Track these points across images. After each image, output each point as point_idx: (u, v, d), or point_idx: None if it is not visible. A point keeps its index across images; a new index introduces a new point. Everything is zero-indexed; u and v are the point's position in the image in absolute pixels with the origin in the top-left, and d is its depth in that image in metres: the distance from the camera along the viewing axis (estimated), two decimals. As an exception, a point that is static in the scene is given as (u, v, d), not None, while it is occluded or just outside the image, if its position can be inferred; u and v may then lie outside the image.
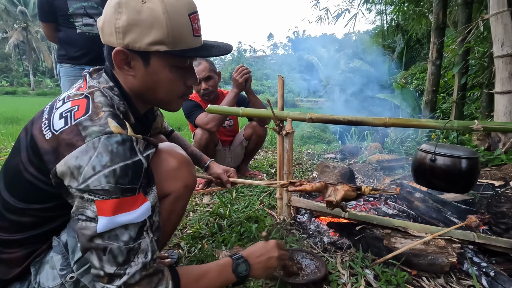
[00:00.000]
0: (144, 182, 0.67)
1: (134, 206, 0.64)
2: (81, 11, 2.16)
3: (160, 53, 0.71)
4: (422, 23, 5.98)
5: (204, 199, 1.99)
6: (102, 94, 0.71)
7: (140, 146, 0.67)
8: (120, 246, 0.62)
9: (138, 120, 0.81)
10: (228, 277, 0.79)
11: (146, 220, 0.66)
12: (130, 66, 0.74)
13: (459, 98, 3.74)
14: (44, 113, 0.71)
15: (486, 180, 1.82)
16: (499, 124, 1.39)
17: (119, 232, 0.63)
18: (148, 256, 0.65)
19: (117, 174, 0.61)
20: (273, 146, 4.06)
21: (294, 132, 1.47)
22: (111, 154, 0.61)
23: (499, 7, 2.15)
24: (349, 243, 1.34)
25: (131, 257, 0.63)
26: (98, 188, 0.61)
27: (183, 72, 0.78)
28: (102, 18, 0.72)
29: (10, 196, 0.70)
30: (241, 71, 2.02)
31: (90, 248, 0.63)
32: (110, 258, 0.62)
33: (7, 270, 0.71)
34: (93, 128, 0.62)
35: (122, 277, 0.63)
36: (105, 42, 0.74)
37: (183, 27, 0.71)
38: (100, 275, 0.63)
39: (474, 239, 1.22)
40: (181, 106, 0.87)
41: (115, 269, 0.62)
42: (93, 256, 0.63)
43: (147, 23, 0.68)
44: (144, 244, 0.65)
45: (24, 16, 31.42)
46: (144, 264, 0.64)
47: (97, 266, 0.63)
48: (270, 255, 0.87)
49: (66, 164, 0.61)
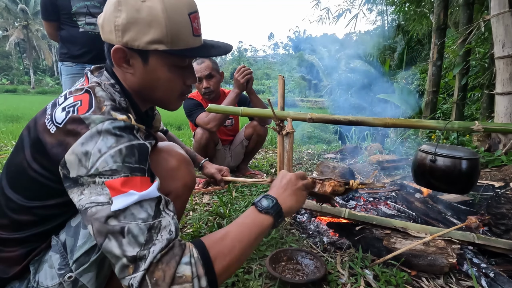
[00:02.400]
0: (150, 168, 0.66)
1: (144, 186, 0.61)
2: (84, 10, 2.16)
3: (159, 52, 0.70)
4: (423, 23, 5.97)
5: (204, 199, 1.99)
6: (102, 89, 0.71)
7: (141, 134, 0.68)
8: (139, 223, 0.57)
9: (139, 117, 0.81)
10: (257, 219, 0.70)
11: (161, 196, 0.63)
12: (129, 64, 0.73)
13: (460, 99, 3.74)
14: (47, 110, 0.71)
15: (486, 181, 1.82)
16: (499, 125, 1.39)
17: (134, 211, 0.58)
18: (173, 233, 0.60)
19: (123, 153, 0.61)
20: (273, 146, 4.06)
21: (294, 131, 1.47)
22: (116, 136, 0.61)
23: (501, 8, 2.15)
24: (348, 243, 1.35)
25: (153, 235, 0.58)
26: (106, 169, 0.59)
27: (182, 71, 0.78)
28: (102, 16, 0.72)
29: (14, 193, 0.70)
30: (243, 71, 2.02)
31: (107, 233, 0.57)
32: (130, 238, 0.56)
33: (6, 269, 0.71)
34: (96, 116, 0.63)
35: (146, 258, 0.56)
36: (105, 40, 0.74)
37: (183, 27, 0.70)
38: (124, 265, 0.56)
39: (474, 240, 1.22)
40: (180, 105, 0.86)
41: (138, 250, 0.56)
42: (111, 243, 0.57)
43: (146, 21, 0.67)
44: (165, 221, 0.60)
45: (24, 14, 31.41)
46: (169, 240, 0.58)
47: (118, 253, 0.56)
48: (294, 184, 0.81)
49: (74, 152, 0.60)
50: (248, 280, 1.10)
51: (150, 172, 0.66)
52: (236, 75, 2.03)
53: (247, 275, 1.13)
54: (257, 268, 1.17)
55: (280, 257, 1.19)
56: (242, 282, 1.09)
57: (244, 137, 2.41)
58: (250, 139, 2.40)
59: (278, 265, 1.16)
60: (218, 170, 1.28)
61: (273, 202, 0.74)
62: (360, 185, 1.01)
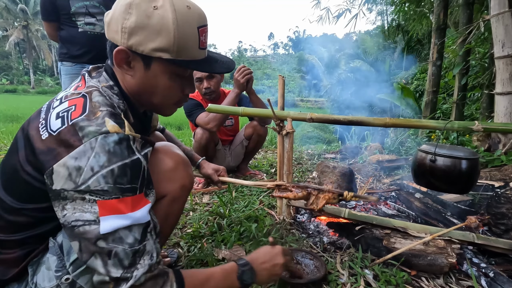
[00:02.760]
0: (144, 182, 0.67)
1: (136, 207, 0.63)
2: (83, 10, 2.16)
3: (162, 59, 0.71)
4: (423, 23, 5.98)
5: (204, 199, 1.99)
6: (100, 93, 0.70)
7: (137, 144, 0.67)
8: (126, 248, 0.61)
9: (137, 119, 0.80)
10: (232, 283, 0.78)
11: (149, 221, 0.66)
12: (130, 66, 0.73)
13: (460, 99, 3.74)
14: (41, 112, 0.71)
15: (486, 181, 1.82)
16: (499, 125, 1.39)
17: (123, 234, 0.61)
18: (154, 258, 0.65)
19: (115, 173, 0.61)
20: (273, 146, 4.06)
21: (294, 131, 1.47)
22: (108, 154, 0.61)
23: (500, 8, 2.15)
24: (348, 243, 1.35)
25: (137, 259, 0.62)
26: (98, 188, 0.60)
27: (182, 80, 0.78)
28: (111, 14, 0.71)
29: (7, 195, 0.70)
30: (243, 72, 2.02)
31: (94, 252, 0.61)
32: (116, 261, 0.61)
33: (5, 271, 0.70)
34: (89, 128, 0.62)
35: (128, 280, 0.61)
36: (108, 38, 0.73)
37: (190, 39, 0.71)
38: (105, 281, 0.62)
39: (474, 239, 1.22)
40: (174, 112, 0.86)
41: (122, 272, 0.61)
42: (97, 261, 0.61)
43: (155, 29, 0.68)
44: (149, 246, 0.65)
45: (24, 14, 31.40)
46: (150, 265, 0.64)
47: (102, 271, 0.61)
48: (275, 262, 0.85)
49: (65, 165, 0.60)
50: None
51: (145, 186, 0.67)
52: (236, 75, 2.03)
53: (247, 275, 1.13)
54: (257, 268, 1.17)
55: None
56: (242, 282, 1.09)
57: (244, 137, 2.41)
58: (250, 139, 2.40)
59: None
60: (215, 170, 1.28)
61: (252, 280, 0.80)
62: (353, 198, 1.03)
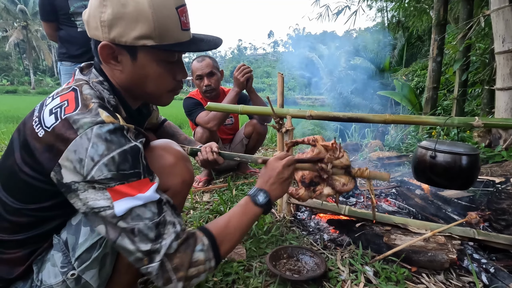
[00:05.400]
0: (145, 167, 0.67)
1: (143, 189, 0.64)
2: (82, 10, 2.16)
3: (147, 47, 0.69)
4: (423, 19, 5.95)
5: (204, 197, 1.99)
6: (90, 87, 0.70)
7: (131, 134, 0.67)
8: (147, 223, 0.63)
9: (130, 114, 0.80)
10: (253, 211, 0.81)
11: (161, 198, 0.67)
12: (117, 61, 0.72)
13: (460, 95, 3.72)
14: (35, 111, 0.71)
15: (487, 176, 1.82)
16: (500, 120, 1.38)
17: (140, 212, 0.63)
18: (177, 226, 0.67)
19: (117, 160, 0.61)
20: (273, 144, 4.06)
21: (294, 129, 1.47)
22: (106, 143, 0.61)
23: (500, 3, 2.14)
24: (349, 240, 1.35)
25: (161, 230, 0.64)
26: (102, 177, 0.60)
27: (171, 66, 0.76)
28: (88, 11, 0.70)
29: (8, 196, 0.70)
30: (243, 70, 2.01)
31: (120, 233, 0.63)
32: (142, 237, 0.62)
33: (10, 270, 0.71)
34: (84, 120, 0.62)
35: (160, 250, 0.63)
36: (91, 36, 0.72)
37: (170, 21, 0.69)
38: (139, 258, 0.63)
39: (474, 235, 1.22)
40: (171, 100, 0.85)
41: (151, 245, 0.63)
42: (125, 241, 0.63)
43: (132, 16, 0.66)
44: (168, 216, 0.66)
45: (24, 14, 31.38)
46: (177, 233, 0.66)
47: (132, 249, 0.63)
48: (282, 176, 0.87)
49: (68, 159, 0.61)
50: (249, 277, 1.10)
51: (147, 171, 0.67)
52: (236, 74, 2.02)
53: (248, 273, 1.13)
54: (258, 265, 1.17)
55: (280, 255, 1.19)
56: (242, 280, 1.09)
57: (244, 135, 2.40)
58: (250, 137, 2.40)
59: (278, 262, 1.16)
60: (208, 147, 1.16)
61: (267, 198, 0.84)
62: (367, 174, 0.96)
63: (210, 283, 1.06)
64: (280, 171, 0.87)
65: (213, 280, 1.09)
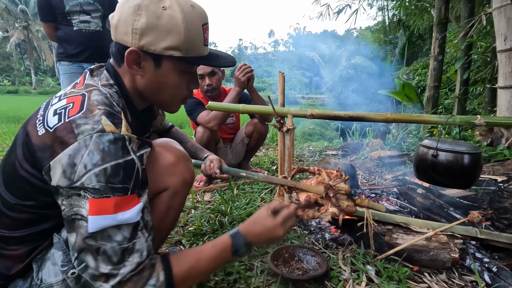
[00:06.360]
0: (138, 182, 0.67)
1: (126, 206, 0.64)
2: (78, 8, 2.17)
3: (173, 57, 0.73)
4: (424, 18, 5.93)
5: (206, 196, 1.99)
6: (99, 92, 0.71)
7: (133, 145, 0.68)
8: (114, 246, 0.63)
9: (135, 117, 0.81)
10: (227, 258, 0.78)
11: (139, 221, 0.66)
12: (139, 66, 0.75)
13: (462, 93, 3.71)
14: (40, 109, 0.72)
15: (489, 175, 1.81)
16: (502, 119, 1.38)
17: (111, 233, 0.63)
18: (144, 256, 0.66)
19: (108, 173, 0.62)
20: (274, 143, 4.05)
21: (295, 128, 1.47)
22: (102, 153, 0.62)
23: (502, 1, 2.13)
24: (350, 239, 1.34)
25: (125, 257, 0.64)
26: (89, 186, 0.61)
27: (188, 77, 0.81)
28: (117, 16, 0.72)
29: (7, 192, 0.71)
30: (244, 70, 2.01)
31: (84, 248, 0.63)
32: (104, 258, 0.63)
33: (9, 266, 0.72)
34: (85, 126, 0.63)
35: (116, 277, 0.63)
36: (116, 40, 0.74)
37: (197, 37, 0.75)
38: (95, 275, 0.64)
39: (477, 234, 1.21)
40: (179, 108, 0.89)
41: (110, 268, 0.63)
42: (87, 257, 0.63)
43: (165, 28, 0.70)
44: (139, 244, 0.66)
45: (25, 15, 31.42)
46: (139, 263, 0.65)
47: (93, 266, 0.63)
48: (273, 235, 0.82)
49: (60, 162, 0.61)
50: (250, 277, 1.10)
51: (138, 186, 0.67)
52: (237, 73, 2.02)
53: (249, 272, 1.13)
54: (259, 265, 1.17)
55: (282, 254, 1.19)
56: (244, 279, 1.09)
57: (245, 135, 2.40)
58: (251, 136, 2.40)
59: (280, 261, 1.16)
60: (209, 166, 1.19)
61: (248, 251, 0.80)
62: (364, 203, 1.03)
63: (211, 283, 1.06)
64: (276, 236, 0.82)
65: (215, 279, 1.09)
